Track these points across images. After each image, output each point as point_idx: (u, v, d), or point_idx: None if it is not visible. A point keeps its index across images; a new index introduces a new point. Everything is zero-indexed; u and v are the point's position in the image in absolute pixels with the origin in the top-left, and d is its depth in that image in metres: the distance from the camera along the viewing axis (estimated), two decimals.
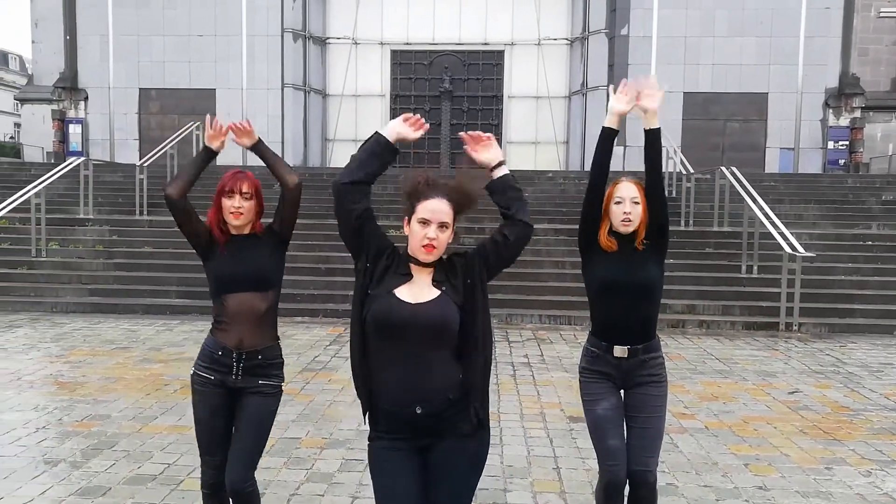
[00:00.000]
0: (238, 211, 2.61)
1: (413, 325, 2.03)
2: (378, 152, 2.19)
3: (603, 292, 2.68)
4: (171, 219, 9.15)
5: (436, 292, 2.09)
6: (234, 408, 2.61)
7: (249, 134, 2.71)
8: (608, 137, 2.72)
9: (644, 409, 2.68)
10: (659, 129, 2.69)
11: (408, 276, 2.10)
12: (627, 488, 2.72)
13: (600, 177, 2.73)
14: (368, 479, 3.70)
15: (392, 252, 2.16)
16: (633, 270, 2.62)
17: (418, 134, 2.25)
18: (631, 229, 2.64)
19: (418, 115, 2.24)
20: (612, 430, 2.66)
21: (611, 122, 2.71)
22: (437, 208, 2.08)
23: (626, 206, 2.62)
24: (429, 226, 2.06)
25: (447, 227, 2.09)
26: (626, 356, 2.65)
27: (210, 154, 2.74)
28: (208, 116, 2.77)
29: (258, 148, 2.75)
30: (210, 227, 2.68)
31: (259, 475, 3.76)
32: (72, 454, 4.05)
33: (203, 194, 4.03)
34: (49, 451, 4.09)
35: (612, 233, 2.67)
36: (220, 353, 2.58)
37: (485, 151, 2.29)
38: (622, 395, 2.73)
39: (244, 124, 2.71)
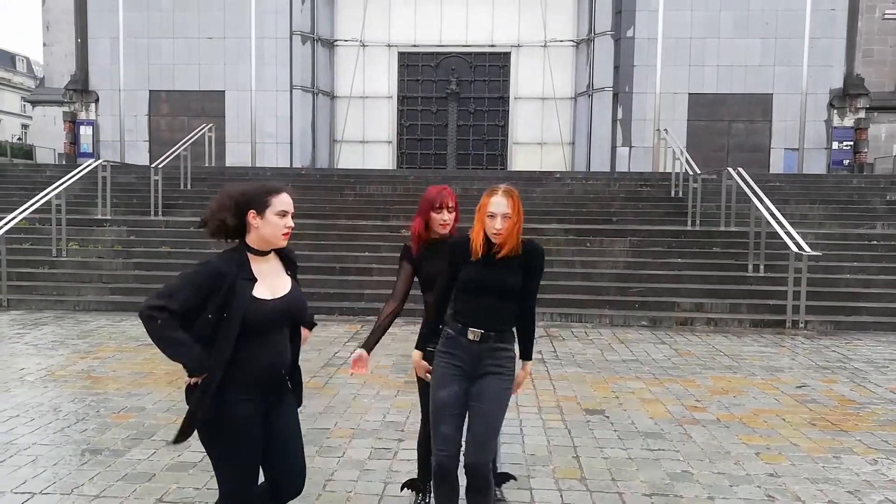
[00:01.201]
0: (446, 223, 3.12)
1: (280, 314, 2.43)
2: None
3: (464, 289, 2.82)
4: (187, 219, 9.58)
5: (289, 281, 2.50)
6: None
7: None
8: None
9: (483, 398, 2.77)
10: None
11: (253, 281, 2.37)
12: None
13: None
14: (399, 466, 3.96)
15: (224, 273, 2.34)
16: (493, 274, 2.75)
17: None
18: (501, 241, 2.73)
19: None
20: (448, 416, 2.78)
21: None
22: (290, 200, 2.44)
23: (498, 222, 2.70)
24: (287, 216, 2.41)
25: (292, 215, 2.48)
26: (478, 339, 2.77)
27: None
28: None
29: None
30: (412, 242, 3.19)
31: None
32: (114, 443, 4.25)
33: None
34: (91, 441, 4.29)
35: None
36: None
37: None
38: (468, 384, 2.85)
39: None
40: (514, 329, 2.89)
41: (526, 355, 2.92)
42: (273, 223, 2.38)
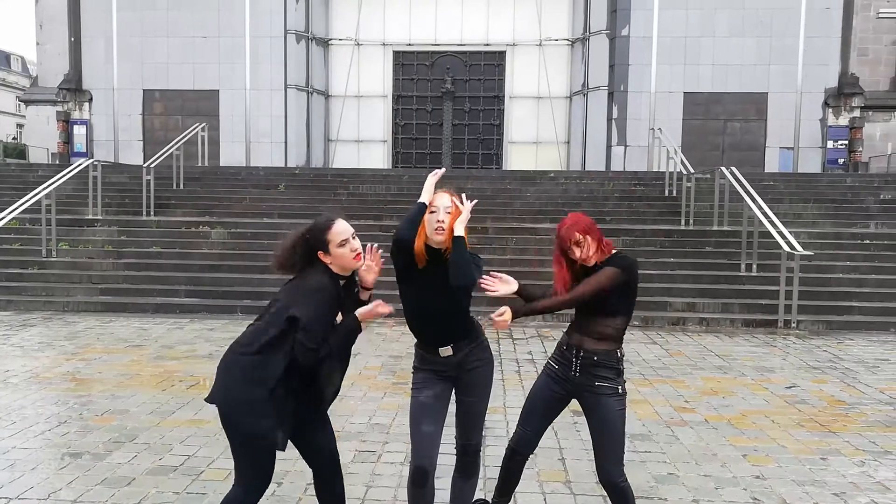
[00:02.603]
0: (581, 258, 2.85)
1: None
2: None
3: (415, 315, 2.84)
4: (179, 219, 9.54)
5: None
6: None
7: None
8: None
9: (471, 392, 2.87)
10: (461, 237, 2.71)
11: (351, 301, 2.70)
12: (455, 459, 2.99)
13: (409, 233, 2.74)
14: (382, 469, 3.92)
15: (340, 295, 2.67)
16: (440, 293, 2.71)
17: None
18: (443, 237, 2.71)
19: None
20: (427, 417, 2.79)
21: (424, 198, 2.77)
22: (346, 227, 2.63)
23: (440, 214, 2.72)
24: (348, 242, 2.60)
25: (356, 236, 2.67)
26: (452, 354, 2.81)
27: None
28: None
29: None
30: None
31: (277, 466, 3.93)
32: (94, 447, 4.20)
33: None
34: (72, 444, 4.24)
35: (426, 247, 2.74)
36: (565, 346, 2.92)
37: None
38: (453, 384, 2.88)
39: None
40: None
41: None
42: (340, 255, 2.57)
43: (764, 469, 4.01)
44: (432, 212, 2.74)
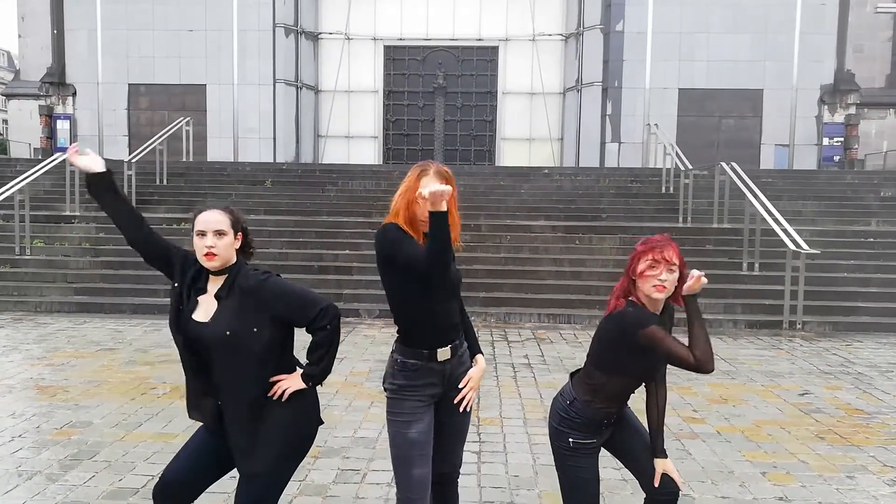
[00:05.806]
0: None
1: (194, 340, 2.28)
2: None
3: (414, 287, 2.32)
4: (160, 216, 8.94)
5: (215, 306, 2.27)
6: None
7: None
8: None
9: (457, 411, 2.46)
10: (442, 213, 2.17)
11: (200, 292, 2.31)
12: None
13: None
14: (365, 492, 3.54)
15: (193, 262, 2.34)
16: (444, 283, 2.37)
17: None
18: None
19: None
20: (422, 458, 2.36)
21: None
22: (212, 219, 2.27)
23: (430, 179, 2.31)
24: (204, 236, 2.25)
25: (224, 234, 2.26)
26: (449, 357, 2.39)
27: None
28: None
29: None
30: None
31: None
32: (48, 466, 3.80)
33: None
34: (24, 463, 3.84)
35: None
36: (605, 421, 2.58)
37: None
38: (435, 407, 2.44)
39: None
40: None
41: (478, 348, 2.58)
42: (196, 243, 2.30)
43: (787, 489, 3.66)
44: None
